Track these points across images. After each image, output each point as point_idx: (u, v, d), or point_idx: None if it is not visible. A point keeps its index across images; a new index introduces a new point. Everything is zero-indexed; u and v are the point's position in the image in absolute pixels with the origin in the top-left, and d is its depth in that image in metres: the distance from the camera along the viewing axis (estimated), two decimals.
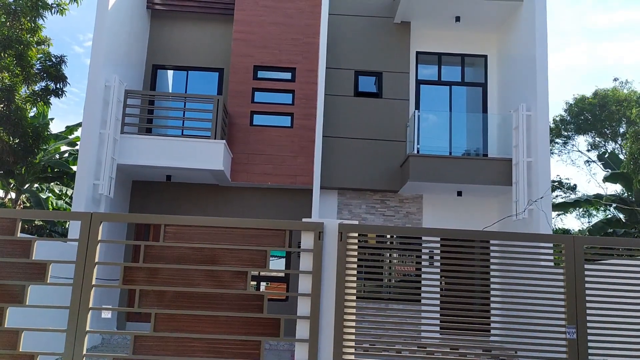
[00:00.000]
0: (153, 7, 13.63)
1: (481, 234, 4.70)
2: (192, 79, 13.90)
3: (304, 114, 13.01)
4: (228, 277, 4.36)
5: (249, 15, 13.37)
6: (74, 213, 4.60)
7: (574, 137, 27.32)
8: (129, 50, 12.60)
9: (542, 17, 11.78)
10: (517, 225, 11.51)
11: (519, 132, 11.72)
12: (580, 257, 4.37)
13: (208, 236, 4.42)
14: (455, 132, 13.19)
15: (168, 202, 13.00)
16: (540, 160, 11.27)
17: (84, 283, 4.27)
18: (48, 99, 13.49)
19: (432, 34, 13.81)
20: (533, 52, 11.71)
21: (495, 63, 13.77)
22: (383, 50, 13.39)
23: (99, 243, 4.37)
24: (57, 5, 13.32)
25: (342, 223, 4.45)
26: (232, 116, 12.85)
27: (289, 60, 13.27)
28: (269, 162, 12.75)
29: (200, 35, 13.88)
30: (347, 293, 4.36)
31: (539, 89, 11.52)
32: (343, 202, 13.03)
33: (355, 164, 12.81)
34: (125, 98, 11.78)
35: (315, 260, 4.38)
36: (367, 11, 13.55)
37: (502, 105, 13.24)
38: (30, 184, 19.03)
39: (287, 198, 13.13)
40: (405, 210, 13.07)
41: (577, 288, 4.32)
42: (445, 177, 11.92)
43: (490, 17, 13.10)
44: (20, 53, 12.68)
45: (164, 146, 11.63)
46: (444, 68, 13.92)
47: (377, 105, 13.15)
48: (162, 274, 4.39)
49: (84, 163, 10.87)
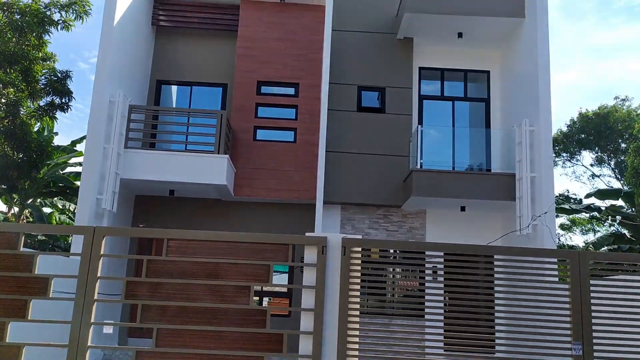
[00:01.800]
0: (158, 23, 13.74)
1: (485, 248, 4.67)
2: (196, 94, 13.97)
3: (307, 128, 13.04)
4: (231, 291, 4.34)
5: (253, 31, 13.47)
6: (77, 227, 4.60)
7: (579, 152, 27.35)
8: (133, 66, 12.69)
9: (544, 33, 11.84)
10: (521, 240, 11.45)
11: (522, 147, 11.71)
12: (585, 273, 4.33)
13: (211, 250, 4.41)
14: (458, 147, 13.19)
15: (171, 216, 12.99)
16: (544, 176, 11.24)
17: (86, 298, 4.25)
18: (54, 113, 13.57)
19: (434, 50, 13.87)
20: (535, 68, 11.74)
21: (498, 78, 13.81)
22: (386, 65, 13.44)
23: (102, 257, 4.36)
24: (63, 22, 13.46)
25: (345, 237, 4.44)
26: (235, 131, 12.88)
27: (292, 75, 13.33)
28: (272, 177, 12.75)
29: (204, 51, 13.97)
30: (351, 308, 4.33)
31: (542, 104, 11.53)
32: (346, 217, 13.00)
33: (358, 179, 12.80)
34: (129, 113, 11.83)
35: (319, 275, 4.35)
36: (370, 27, 13.63)
37: (505, 120, 13.25)
38: (33, 199, 19.07)
39: (290, 213, 13.11)
40: (409, 225, 13.03)
41: (583, 304, 4.28)
42: (449, 192, 11.88)
43: (492, 33, 13.17)
44: (26, 68, 12.79)
45: (168, 161, 11.65)
46: (447, 83, 13.96)
47: (380, 121, 13.17)
48: (164, 289, 4.37)
49: (87, 177, 10.90)
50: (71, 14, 13.44)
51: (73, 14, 13.44)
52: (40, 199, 20.46)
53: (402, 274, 10.06)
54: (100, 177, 11.07)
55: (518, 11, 12.52)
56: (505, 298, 4.66)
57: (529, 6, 12.39)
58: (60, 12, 13.38)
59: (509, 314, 4.73)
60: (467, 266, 4.57)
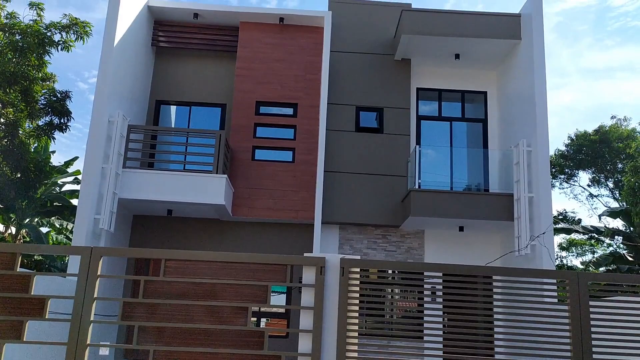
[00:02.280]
0: (158, 44, 13.85)
1: (484, 269, 4.66)
2: (195, 114, 14.02)
3: (306, 148, 13.07)
4: (228, 312, 4.31)
5: (252, 52, 13.58)
6: (74, 247, 4.57)
7: (577, 173, 27.41)
8: (133, 86, 12.76)
9: (540, 55, 11.96)
10: (520, 261, 11.42)
11: (520, 168, 11.74)
12: (584, 294, 4.31)
13: (208, 271, 4.38)
14: (456, 167, 13.23)
15: (169, 237, 12.95)
16: (542, 196, 11.26)
17: (82, 319, 4.21)
18: (52, 133, 13.60)
19: (432, 71, 13.99)
20: (532, 89, 11.84)
21: (495, 99, 13.91)
22: (384, 86, 13.54)
23: (99, 278, 4.33)
24: (63, 42, 13.56)
25: (344, 258, 4.42)
26: (234, 151, 12.91)
27: (291, 95, 13.40)
28: (271, 197, 12.74)
29: (203, 71, 14.07)
30: (349, 329, 4.29)
31: (539, 124, 11.60)
32: (344, 237, 12.97)
33: (356, 199, 12.80)
34: (128, 133, 11.86)
35: (317, 295, 4.32)
36: (368, 48, 13.76)
37: (503, 140, 13.31)
38: (30, 219, 19.01)
39: (289, 233, 13.08)
40: (407, 246, 13.00)
41: (583, 325, 4.26)
42: (447, 212, 11.88)
43: (489, 54, 13.30)
44: (25, 88, 12.85)
45: (166, 181, 11.65)
46: (444, 104, 14.05)
47: (378, 141, 13.22)
48: (161, 310, 4.33)
49: (85, 197, 10.88)
50: (72, 34, 13.55)
51: (74, 34, 13.55)
52: (37, 218, 20.41)
53: (400, 295, 10.01)
54: (98, 197, 11.05)
55: (514, 33, 12.67)
56: (505, 320, 4.63)
57: (524, 28, 12.54)
58: (61, 33, 13.48)
59: (508, 335, 4.69)
60: (466, 287, 4.55)
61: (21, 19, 13.49)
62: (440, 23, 12.71)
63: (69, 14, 13.58)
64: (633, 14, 45.33)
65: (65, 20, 13.55)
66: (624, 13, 46.24)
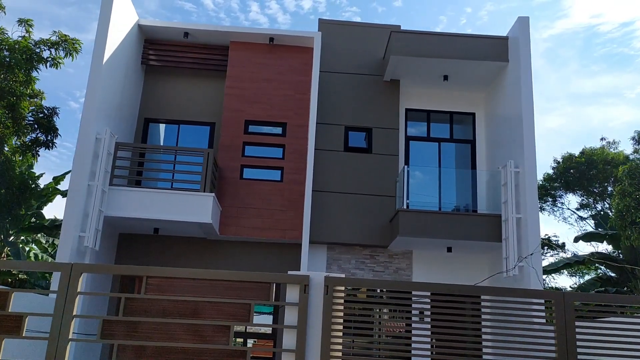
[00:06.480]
0: (147, 62, 13.85)
1: (472, 289, 4.62)
2: (184, 133, 13.97)
3: (294, 168, 13.04)
4: (210, 331, 4.23)
5: (242, 71, 13.61)
6: (54, 264, 4.49)
7: (564, 196, 27.52)
8: (121, 103, 12.72)
9: (527, 77, 12.09)
10: (508, 281, 11.39)
11: (508, 189, 11.78)
12: (570, 314, 4.28)
13: (191, 288, 4.31)
14: (444, 187, 13.26)
15: (155, 255, 12.79)
16: (530, 217, 11.28)
17: (60, 337, 4.11)
18: (37, 150, 13.48)
19: (421, 92, 14.09)
20: (519, 111, 11.94)
21: (483, 120, 14.01)
22: (373, 106, 13.59)
23: (78, 295, 4.24)
24: (52, 59, 13.53)
25: (328, 276, 4.37)
26: (222, 170, 12.86)
27: (280, 115, 13.41)
28: (258, 216, 12.66)
29: (192, 90, 14.06)
30: (333, 349, 4.22)
31: (526, 146, 11.67)
32: (332, 257, 12.89)
33: (344, 219, 12.75)
34: (115, 150, 11.79)
35: (301, 314, 4.25)
36: (357, 69, 13.84)
37: (491, 161, 13.37)
38: (15, 236, 18.75)
39: (276, 252, 12.97)
40: (395, 266, 12.93)
41: (569, 345, 4.22)
42: (435, 232, 11.86)
43: (477, 76, 13.42)
44: (12, 104, 12.76)
45: (152, 199, 11.55)
46: (433, 125, 14.12)
47: (367, 161, 13.23)
48: (142, 328, 4.24)
49: (70, 214, 10.74)
50: (61, 51, 13.52)
51: (63, 51, 13.52)
52: (23, 235, 20.13)
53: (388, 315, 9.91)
54: (83, 215, 10.92)
55: (502, 55, 12.82)
56: (493, 340, 4.58)
57: (512, 50, 12.69)
58: (50, 50, 13.45)
59: (496, 356, 4.64)
60: (454, 307, 4.51)
61: (9, 35, 13.47)
62: (429, 45, 12.84)
63: (58, 30, 13.58)
64: (619, 40, 46.21)
65: (55, 37, 13.53)
66: (610, 40, 47.11)
